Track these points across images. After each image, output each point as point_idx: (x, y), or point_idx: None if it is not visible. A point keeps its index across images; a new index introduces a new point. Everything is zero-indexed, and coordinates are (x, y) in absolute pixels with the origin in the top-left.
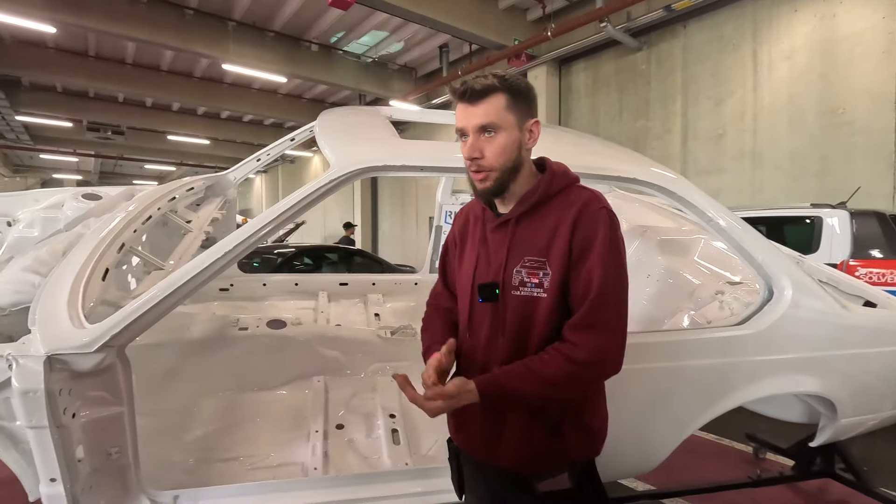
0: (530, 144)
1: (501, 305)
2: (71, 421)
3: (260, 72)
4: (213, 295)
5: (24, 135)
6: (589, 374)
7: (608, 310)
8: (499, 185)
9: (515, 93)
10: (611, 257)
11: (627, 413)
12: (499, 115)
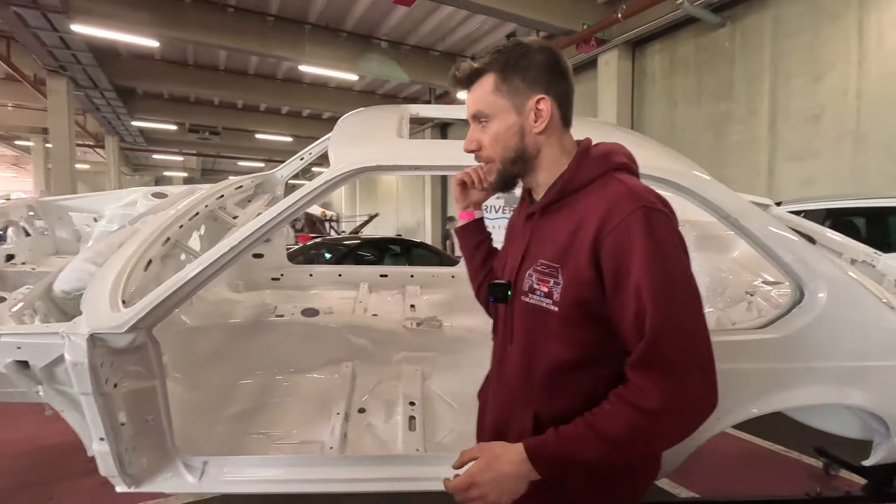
0: (538, 127)
1: (510, 310)
2: (113, 390)
3: (334, 71)
4: (265, 284)
5: (139, 138)
6: (668, 424)
7: (674, 344)
8: (502, 179)
9: (507, 69)
10: (662, 277)
11: None
12: (486, 100)
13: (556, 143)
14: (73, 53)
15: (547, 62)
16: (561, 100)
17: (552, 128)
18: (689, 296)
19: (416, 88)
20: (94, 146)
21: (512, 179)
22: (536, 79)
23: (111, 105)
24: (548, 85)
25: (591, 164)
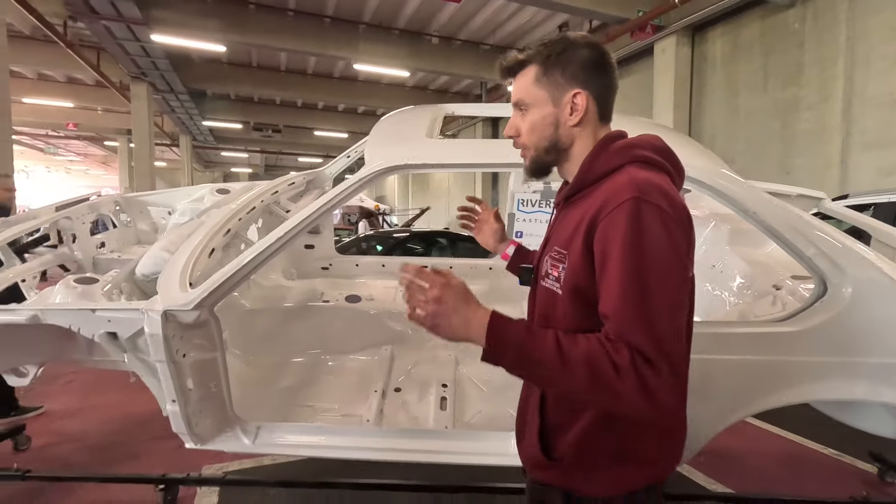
0: (573, 120)
1: (533, 293)
2: (182, 359)
3: (386, 68)
4: (316, 272)
5: (209, 136)
6: (623, 385)
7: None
8: (534, 166)
9: (549, 63)
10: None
11: None
12: (527, 90)
13: (590, 136)
14: (152, 61)
15: (589, 58)
16: (599, 96)
17: (587, 122)
18: (662, 289)
19: (467, 83)
20: (170, 145)
21: (544, 167)
22: (576, 74)
23: (185, 107)
24: (586, 80)
25: (608, 157)
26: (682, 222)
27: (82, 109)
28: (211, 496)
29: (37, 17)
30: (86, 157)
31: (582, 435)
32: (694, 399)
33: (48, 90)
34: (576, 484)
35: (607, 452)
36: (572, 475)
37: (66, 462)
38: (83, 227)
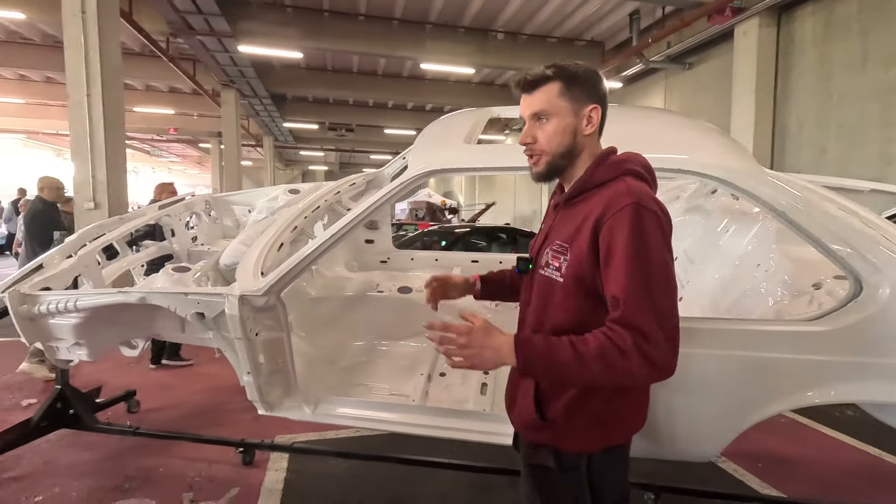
0: (588, 130)
1: (531, 280)
2: (255, 337)
3: (453, 66)
4: (375, 265)
5: (289, 137)
6: (630, 363)
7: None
8: (549, 169)
9: (571, 80)
10: (638, 261)
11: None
12: (550, 102)
13: (594, 147)
14: (239, 69)
15: (598, 82)
16: (604, 114)
17: (594, 134)
18: (660, 278)
19: None
20: (255, 146)
21: (557, 171)
22: (592, 92)
23: (267, 110)
24: (599, 99)
25: (606, 169)
26: (668, 223)
27: (181, 115)
28: (281, 461)
29: (145, 35)
30: (184, 158)
31: (571, 401)
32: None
33: (154, 99)
34: (564, 442)
35: (591, 415)
36: (562, 435)
37: (166, 423)
38: (180, 223)
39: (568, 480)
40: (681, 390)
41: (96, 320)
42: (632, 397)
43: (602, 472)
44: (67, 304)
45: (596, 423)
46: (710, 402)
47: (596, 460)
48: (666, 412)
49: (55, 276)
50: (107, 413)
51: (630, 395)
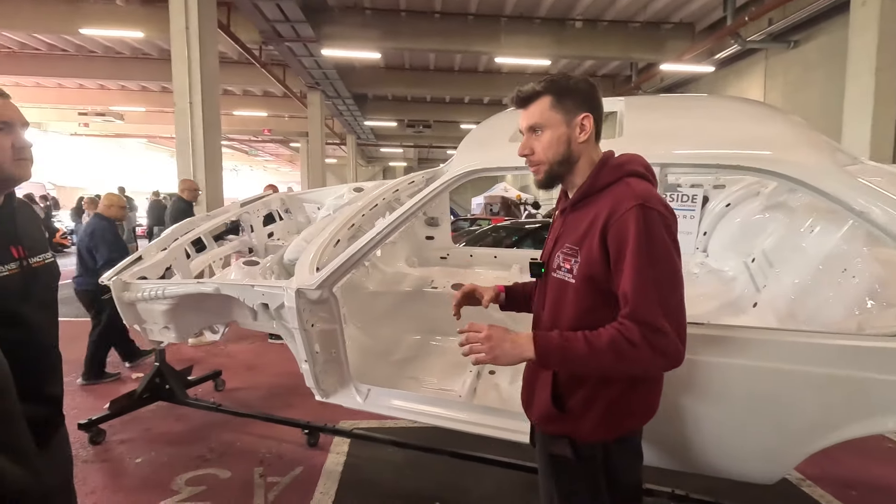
0: (582, 138)
1: (545, 283)
2: (311, 328)
3: (528, 59)
4: (435, 262)
5: (370, 135)
6: (640, 354)
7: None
8: (548, 178)
9: (561, 93)
10: (646, 259)
11: (720, 409)
12: (543, 115)
13: (591, 153)
14: (323, 72)
15: (589, 91)
16: (597, 120)
17: (590, 140)
18: (667, 273)
19: (615, 65)
20: (339, 144)
21: (556, 178)
22: (583, 102)
23: (350, 109)
24: (591, 107)
25: (609, 172)
26: (673, 220)
27: (273, 117)
28: (343, 445)
29: (241, 45)
30: (277, 157)
31: (588, 392)
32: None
33: (250, 103)
34: (581, 432)
35: (606, 405)
36: (579, 425)
37: (245, 402)
38: (258, 219)
39: (584, 470)
40: (740, 406)
41: (182, 307)
42: (644, 387)
43: (616, 463)
44: (157, 291)
45: (611, 413)
46: (773, 420)
47: (611, 450)
48: (721, 427)
49: (150, 267)
50: (197, 389)
51: (642, 386)
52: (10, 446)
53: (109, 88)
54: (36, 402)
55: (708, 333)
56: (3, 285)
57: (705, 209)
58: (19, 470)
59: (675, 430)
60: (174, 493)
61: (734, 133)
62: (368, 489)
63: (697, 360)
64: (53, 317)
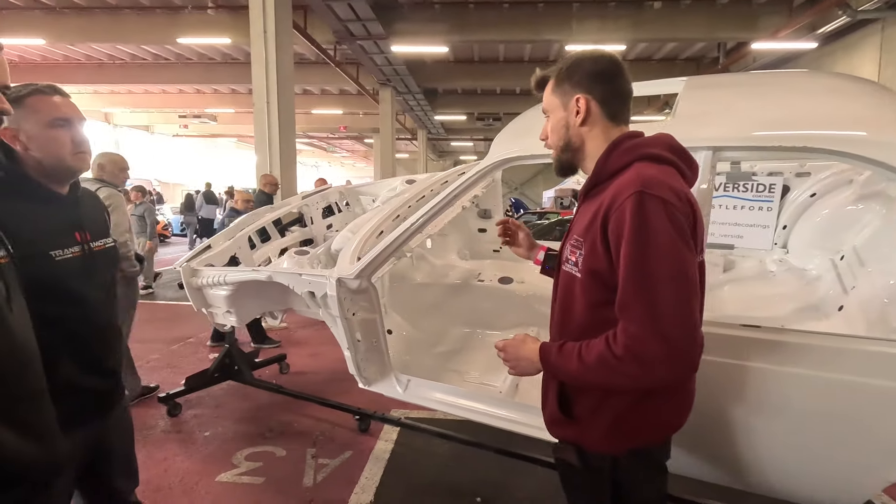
0: (577, 121)
1: (557, 276)
2: (352, 317)
3: (601, 45)
4: (487, 255)
5: (441, 129)
6: (627, 368)
7: (638, 311)
8: (558, 165)
9: (561, 75)
10: (638, 252)
11: (781, 424)
12: (547, 100)
13: (601, 136)
14: (394, 68)
15: (592, 69)
16: (604, 99)
17: (593, 123)
18: (663, 270)
19: (699, 47)
20: (410, 139)
21: (566, 165)
22: (580, 82)
23: (420, 104)
24: (590, 86)
25: (618, 156)
26: (685, 210)
27: (349, 114)
28: (392, 433)
29: (316, 46)
30: (353, 153)
31: (596, 398)
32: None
33: (328, 102)
34: (587, 440)
35: (616, 414)
36: (585, 432)
37: (305, 385)
38: (317, 212)
39: (590, 480)
40: (806, 422)
41: (242, 293)
42: (661, 398)
43: (629, 478)
44: (219, 278)
45: (620, 424)
46: (847, 440)
47: (621, 464)
48: (783, 445)
49: (217, 255)
50: (264, 371)
51: (659, 396)
52: (27, 423)
53: (204, 92)
54: (97, 374)
55: (765, 338)
56: (65, 267)
57: (785, 200)
58: (29, 446)
59: (725, 443)
60: (233, 467)
61: (813, 111)
62: (412, 478)
63: (752, 367)
64: (111, 297)
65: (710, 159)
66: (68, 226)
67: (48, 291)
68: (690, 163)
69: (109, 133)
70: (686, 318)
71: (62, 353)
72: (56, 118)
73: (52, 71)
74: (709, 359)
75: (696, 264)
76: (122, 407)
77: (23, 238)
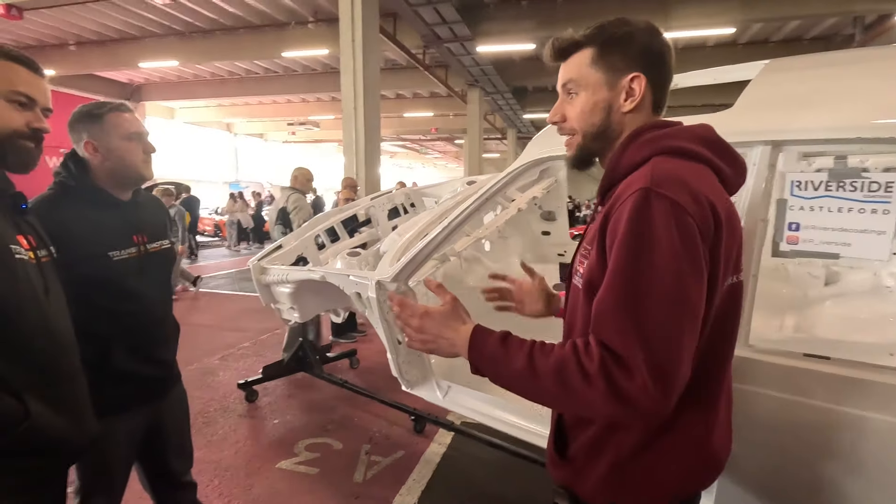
0: (628, 106)
1: (567, 288)
2: (393, 319)
3: (705, 30)
4: (552, 258)
5: (531, 128)
6: (590, 393)
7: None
8: (581, 154)
9: (607, 44)
10: (627, 261)
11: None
12: (581, 71)
13: (636, 125)
14: (481, 68)
15: (650, 44)
16: (656, 84)
17: (641, 110)
18: (659, 285)
19: (830, 23)
20: (500, 139)
21: (590, 156)
22: (636, 58)
23: (509, 104)
24: (646, 66)
25: (636, 149)
26: (703, 218)
27: (439, 116)
28: (446, 437)
29: (405, 51)
30: (444, 154)
31: (594, 438)
32: None
33: (419, 105)
34: (582, 487)
35: (616, 460)
36: (580, 478)
37: (370, 382)
38: (383, 213)
39: None
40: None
41: (302, 290)
42: (681, 437)
43: None
44: (282, 276)
45: (620, 471)
46: None
47: None
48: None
49: (285, 254)
50: (335, 365)
51: (679, 434)
52: (62, 401)
53: (308, 101)
54: (150, 363)
55: (837, 373)
56: (122, 266)
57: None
58: (62, 422)
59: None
60: (293, 456)
61: None
62: (458, 483)
63: (817, 406)
64: (166, 293)
65: (766, 157)
66: (127, 229)
67: (106, 287)
68: (733, 160)
69: (230, 141)
70: (675, 350)
71: (118, 343)
72: (131, 132)
73: (184, 87)
74: (761, 391)
75: (700, 285)
76: (176, 393)
77: (85, 240)
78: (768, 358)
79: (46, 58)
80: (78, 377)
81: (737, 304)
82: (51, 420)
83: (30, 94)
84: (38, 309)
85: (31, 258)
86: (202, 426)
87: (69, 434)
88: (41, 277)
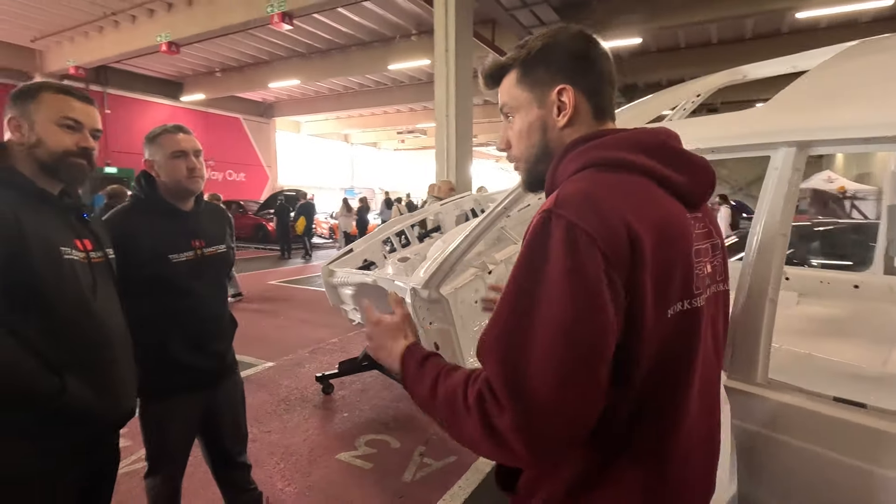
0: (562, 121)
1: None
2: (430, 326)
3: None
4: None
5: None
6: (469, 423)
7: (494, 363)
8: (529, 178)
9: (528, 61)
10: (511, 288)
11: None
12: (511, 93)
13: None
14: None
15: (573, 51)
16: (589, 91)
17: (577, 122)
18: (541, 316)
19: None
20: None
21: (537, 179)
22: (560, 69)
23: (617, 102)
24: (573, 75)
25: (566, 166)
26: (610, 241)
27: None
28: None
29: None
30: None
31: (535, 472)
32: None
33: None
34: None
35: (559, 498)
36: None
37: None
38: (451, 219)
39: None
40: None
41: (363, 293)
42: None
43: None
44: (345, 279)
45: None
46: None
47: None
48: None
49: (353, 257)
50: None
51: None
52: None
53: (415, 110)
54: (203, 355)
55: (869, 425)
56: (180, 267)
57: None
58: (101, 401)
59: None
60: (353, 449)
61: None
62: (503, 497)
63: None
64: (222, 292)
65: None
66: (186, 235)
67: (166, 286)
68: (685, 167)
69: (347, 150)
70: (554, 391)
71: (175, 335)
72: (175, 151)
73: (307, 103)
74: (782, 438)
75: (599, 318)
76: (231, 381)
77: (149, 244)
78: (785, 398)
79: (198, 84)
80: (119, 363)
81: (692, 335)
82: (85, 396)
83: (78, 118)
84: (82, 301)
85: (82, 259)
86: (283, 412)
87: (102, 410)
88: (90, 275)
